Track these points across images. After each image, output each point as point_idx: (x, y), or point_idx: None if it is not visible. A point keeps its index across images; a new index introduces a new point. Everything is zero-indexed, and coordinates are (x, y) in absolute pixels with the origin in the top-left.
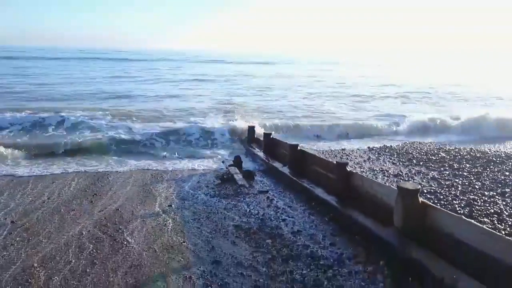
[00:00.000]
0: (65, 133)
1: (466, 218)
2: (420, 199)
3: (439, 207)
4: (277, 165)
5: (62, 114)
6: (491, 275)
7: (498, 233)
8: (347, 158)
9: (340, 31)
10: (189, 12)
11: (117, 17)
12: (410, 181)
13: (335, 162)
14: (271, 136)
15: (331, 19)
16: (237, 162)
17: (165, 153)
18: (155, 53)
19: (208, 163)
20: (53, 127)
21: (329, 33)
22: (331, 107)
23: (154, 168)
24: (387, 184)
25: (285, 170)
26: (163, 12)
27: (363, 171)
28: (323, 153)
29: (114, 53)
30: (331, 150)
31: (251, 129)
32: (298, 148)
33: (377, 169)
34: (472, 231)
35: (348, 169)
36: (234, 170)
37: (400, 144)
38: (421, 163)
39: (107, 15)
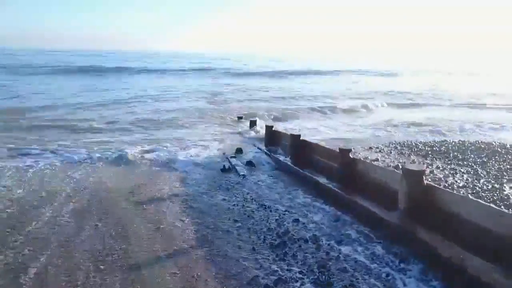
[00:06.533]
0: None
1: (472, 198)
2: (425, 181)
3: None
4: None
5: None
6: (499, 252)
7: (506, 211)
8: None
9: (340, 30)
10: (189, 12)
11: (117, 17)
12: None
13: (338, 149)
14: (273, 128)
15: (332, 18)
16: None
17: None
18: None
19: None
20: None
21: (329, 32)
22: None
23: None
24: None
25: (288, 161)
26: (163, 12)
27: None
28: None
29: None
30: None
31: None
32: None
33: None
34: (478, 210)
35: (351, 156)
36: (235, 161)
37: None
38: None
39: (107, 15)
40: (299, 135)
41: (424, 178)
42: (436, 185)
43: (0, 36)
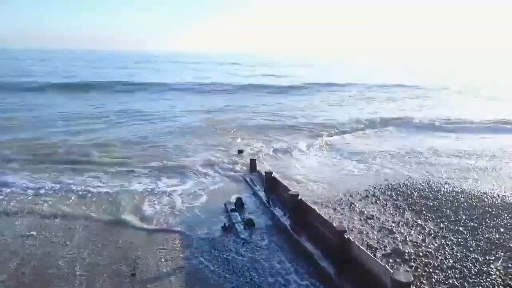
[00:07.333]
0: None
1: None
2: None
3: None
4: (278, 212)
5: None
6: None
7: None
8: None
9: (340, 30)
10: (189, 12)
11: (117, 17)
12: (404, 271)
13: (334, 225)
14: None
15: (332, 18)
16: (239, 205)
17: None
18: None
19: None
20: None
21: (330, 32)
22: None
23: None
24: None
25: (286, 221)
26: (163, 12)
27: (358, 220)
28: None
29: None
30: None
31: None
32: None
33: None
34: None
35: (346, 237)
36: (235, 217)
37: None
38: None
39: (107, 15)
40: (297, 194)
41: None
42: None
43: (0, 36)
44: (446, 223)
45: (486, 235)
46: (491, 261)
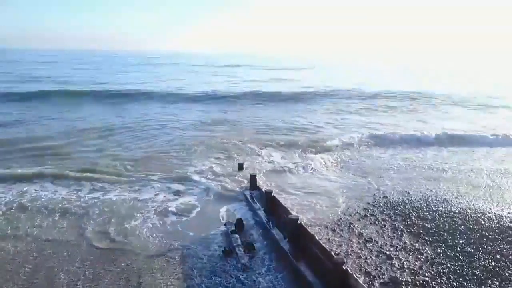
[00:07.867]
0: None
1: None
2: None
3: None
4: (278, 235)
5: None
6: None
7: None
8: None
9: (341, 30)
10: (189, 12)
11: (117, 17)
12: None
13: (332, 256)
14: (272, 194)
15: (332, 18)
16: (239, 226)
17: None
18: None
19: None
20: None
21: (330, 32)
22: None
23: None
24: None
25: (285, 245)
26: (163, 12)
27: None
28: None
29: None
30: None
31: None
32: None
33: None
34: None
35: (344, 268)
36: (236, 240)
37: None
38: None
39: (107, 15)
40: (297, 219)
41: None
42: None
43: (0, 36)
44: (443, 248)
45: (483, 263)
46: None
